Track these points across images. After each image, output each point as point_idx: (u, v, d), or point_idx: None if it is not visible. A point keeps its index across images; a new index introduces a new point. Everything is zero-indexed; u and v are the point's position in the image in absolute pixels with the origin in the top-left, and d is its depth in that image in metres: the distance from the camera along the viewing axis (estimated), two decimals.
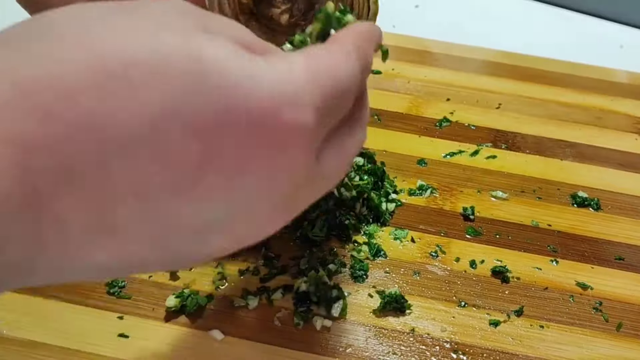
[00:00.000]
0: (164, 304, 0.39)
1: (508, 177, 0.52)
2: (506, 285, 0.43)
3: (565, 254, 0.46)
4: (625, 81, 0.65)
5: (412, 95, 0.60)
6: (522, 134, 0.57)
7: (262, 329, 0.39)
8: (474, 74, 0.64)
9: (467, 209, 0.48)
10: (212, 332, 0.38)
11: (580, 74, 0.65)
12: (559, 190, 0.52)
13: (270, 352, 0.38)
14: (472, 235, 0.47)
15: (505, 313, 0.41)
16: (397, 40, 0.67)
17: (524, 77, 0.64)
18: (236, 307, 0.40)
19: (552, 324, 0.41)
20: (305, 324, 0.39)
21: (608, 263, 0.46)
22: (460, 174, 0.52)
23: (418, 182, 0.50)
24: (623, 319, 0.42)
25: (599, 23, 0.79)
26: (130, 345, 0.37)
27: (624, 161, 0.55)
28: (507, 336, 0.40)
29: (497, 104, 0.60)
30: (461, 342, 0.39)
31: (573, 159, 0.55)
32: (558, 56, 0.67)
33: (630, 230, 0.48)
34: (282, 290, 0.41)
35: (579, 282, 0.44)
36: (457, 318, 0.41)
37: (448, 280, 0.43)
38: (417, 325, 0.40)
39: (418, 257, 0.45)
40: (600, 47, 0.74)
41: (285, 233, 0.45)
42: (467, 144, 0.55)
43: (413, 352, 0.39)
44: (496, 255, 0.45)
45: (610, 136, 0.58)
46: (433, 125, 0.56)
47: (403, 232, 0.46)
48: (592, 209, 0.50)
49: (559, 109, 0.60)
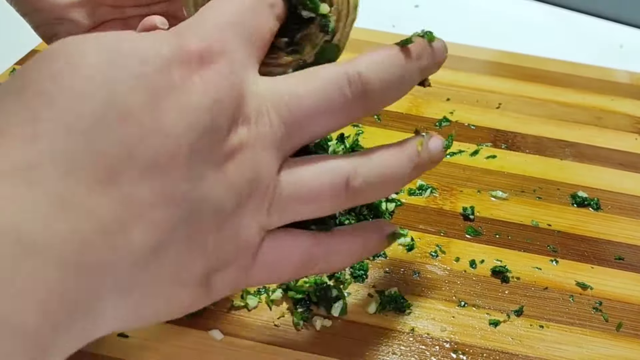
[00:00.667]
0: None
1: (508, 177, 0.52)
2: (506, 285, 0.43)
3: (565, 254, 0.46)
4: (625, 81, 0.65)
5: (412, 95, 0.60)
6: (522, 134, 0.57)
7: (262, 329, 0.39)
8: (474, 73, 0.64)
9: (467, 208, 0.48)
10: (212, 332, 0.38)
11: (580, 74, 0.65)
12: (559, 190, 0.52)
13: (270, 352, 0.38)
14: (472, 235, 0.47)
15: (505, 313, 0.41)
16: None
17: (524, 77, 0.64)
18: (236, 307, 0.40)
19: (552, 323, 0.41)
20: (305, 324, 0.39)
21: (608, 263, 0.46)
22: (460, 174, 0.52)
23: (418, 182, 0.50)
24: (623, 319, 0.42)
25: (599, 23, 0.79)
26: (129, 345, 0.37)
27: (624, 161, 0.55)
28: (507, 336, 0.40)
29: (497, 103, 0.60)
30: (461, 342, 0.39)
31: (573, 158, 0.55)
32: (558, 56, 0.67)
33: (630, 230, 0.48)
34: (281, 290, 0.41)
35: (578, 282, 0.44)
36: (457, 318, 0.41)
37: (448, 280, 0.43)
38: (416, 325, 0.40)
39: (418, 257, 0.45)
40: (600, 47, 0.74)
41: None
42: (467, 144, 0.55)
43: (413, 352, 0.39)
44: (496, 255, 0.45)
45: (610, 136, 0.58)
46: (433, 125, 0.56)
47: (403, 231, 0.46)
48: (592, 208, 0.50)
49: (559, 109, 0.60)
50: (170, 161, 0.22)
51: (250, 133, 0.24)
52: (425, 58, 0.29)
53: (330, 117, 0.26)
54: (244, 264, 0.26)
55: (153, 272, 0.22)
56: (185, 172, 0.22)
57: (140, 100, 0.21)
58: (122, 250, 0.21)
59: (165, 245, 0.22)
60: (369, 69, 0.27)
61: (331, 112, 0.26)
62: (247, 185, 0.24)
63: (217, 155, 0.23)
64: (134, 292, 0.22)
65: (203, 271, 0.25)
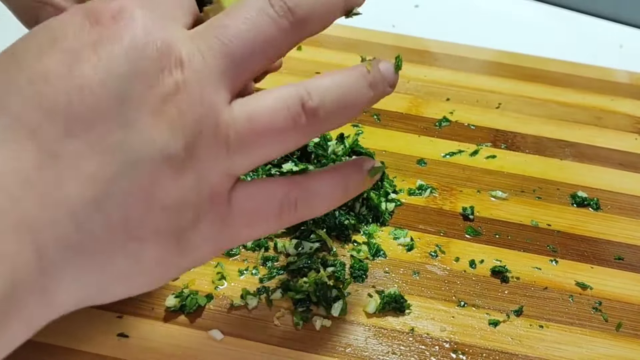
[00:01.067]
0: (164, 303, 0.39)
1: (508, 177, 0.52)
2: (506, 285, 0.43)
3: (564, 254, 0.46)
4: (625, 81, 0.65)
5: (412, 95, 0.60)
6: (522, 134, 0.57)
7: (262, 329, 0.39)
8: (474, 73, 0.64)
9: (466, 208, 0.48)
10: (212, 332, 0.38)
11: (580, 74, 0.65)
12: (558, 190, 0.52)
13: (270, 352, 0.38)
14: (471, 235, 0.47)
15: (504, 313, 0.41)
16: (397, 40, 0.67)
17: (524, 77, 0.64)
18: (236, 307, 0.40)
19: (552, 323, 0.41)
20: (305, 324, 0.39)
21: (608, 263, 0.46)
22: (459, 174, 0.52)
23: (417, 181, 0.50)
24: (622, 319, 0.42)
25: (599, 23, 0.79)
26: (129, 345, 0.37)
27: (624, 161, 0.55)
28: (507, 336, 0.40)
29: (497, 103, 0.60)
30: (460, 341, 0.39)
31: (573, 158, 0.55)
32: (558, 56, 0.67)
33: (630, 230, 0.48)
34: (281, 290, 0.41)
35: (578, 282, 0.44)
36: (457, 318, 0.41)
37: (447, 280, 0.43)
38: (416, 325, 0.40)
39: (417, 257, 0.45)
40: (600, 47, 0.73)
41: (286, 233, 0.45)
42: (466, 144, 0.55)
43: (412, 351, 0.39)
44: (496, 255, 0.45)
45: (610, 136, 0.58)
46: (433, 125, 0.56)
47: (402, 231, 0.46)
48: (592, 208, 0.50)
49: (559, 109, 0.60)
50: (93, 113, 0.22)
51: (186, 74, 0.24)
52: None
53: (268, 46, 0.26)
54: (218, 216, 0.26)
55: (101, 227, 0.22)
56: (114, 120, 0.22)
57: (56, 61, 0.22)
58: (60, 207, 0.21)
59: (106, 197, 0.22)
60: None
61: (266, 39, 0.26)
62: (194, 125, 0.24)
63: (152, 99, 0.23)
64: (87, 251, 0.22)
65: (164, 224, 0.24)
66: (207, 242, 0.26)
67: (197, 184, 0.25)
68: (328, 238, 0.44)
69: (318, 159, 0.48)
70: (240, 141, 0.25)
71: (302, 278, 0.41)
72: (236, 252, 0.43)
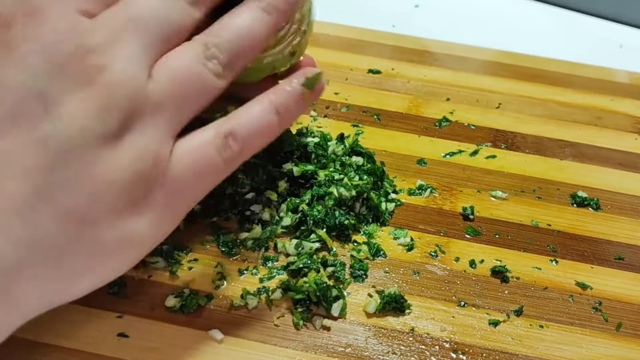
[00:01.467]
0: (164, 303, 0.39)
1: (508, 176, 0.52)
2: (506, 285, 0.43)
3: (564, 254, 0.46)
4: (625, 81, 0.65)
5: (412, 95, 0.60)
6: (522, 134, 0.57)
7: (262, 329, 0.39)
8: (474, 73, 0.64)
9: (466, 208, 0.48)
10: (212, 332, 0.38)
11: (580, 74, 0.65)
12: (558, 190, 0.52)
13: (270, 352, 0.38)
14: (471, 235, 0.47)
15: (504, 313, 0.41)
16: (397, 40, 0.67)
17: (524, 77, 0.64)
18: (236, 307, 0.40)
19: (552, 323, 0.41)
20: (305, 324, 0.39)
21: (608, 263, 0.46)
22: (459, 174, 0.52)
23: (418, 181, 0.50)
24: (623, 319, 0.42)
25: (599, 23, 0.79)
26: (129, 345, 0.37)
27: (624, 161, 0.55)
28: (507, 336, 0.40)
29: (497, 103, 0.60)
30: (461, 341, 0.39)
31: (573, 158, 0.55)
32: (558, 56, 0.67)
33: (630, 230, 0.48)
34: (281, 290, 0.41)
35: (578, 282, 0.44)
36: (457, 318, 0.41)
37: (447, 280, 0.43)
38: (416, 325, 0.40)
39: (417, 257, 0.45)
40: (600, 47, 0.74)
41: (286, 233, 0.45)
42: (466, 144, 0.55)
43: (412, 351, 0.39)
44: (496, 255, 0.45)
45: (610, 136, 0.58)
46: (433, 125, 0.56)
47: (403, 231, 0.46)
48: (592, 208, 0.50)
49: (559, 109, 0.60)
50: (17, 111, 0.23)
51: (104, 57, 0.24)
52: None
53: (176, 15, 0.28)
54: (167, 179, 0.26)
55: (49, 218, 0.23)
56: (40, 115, 0.23)
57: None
58: (3, 206, 0.22)
59: (48, 187, 0.23)
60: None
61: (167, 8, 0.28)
62: (121, 102, 0.24)
63: (74, 88, 0.24)
64: (41, 245, 0.22)
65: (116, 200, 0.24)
66: (164, 209, 0.26)
67: (138, 153, 0.25)
68: (328, 238, 0.44)
69: (318, 159, 0.48)
70: (166, 103, 0.26)
71: (302, 278, 0.41)
72: (236, 252, 0.43)
